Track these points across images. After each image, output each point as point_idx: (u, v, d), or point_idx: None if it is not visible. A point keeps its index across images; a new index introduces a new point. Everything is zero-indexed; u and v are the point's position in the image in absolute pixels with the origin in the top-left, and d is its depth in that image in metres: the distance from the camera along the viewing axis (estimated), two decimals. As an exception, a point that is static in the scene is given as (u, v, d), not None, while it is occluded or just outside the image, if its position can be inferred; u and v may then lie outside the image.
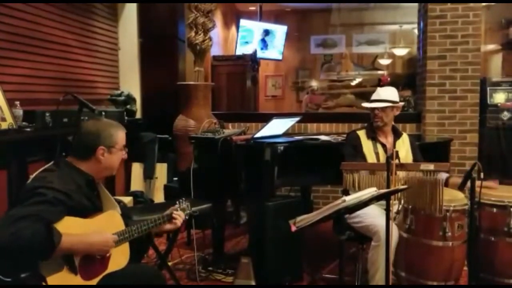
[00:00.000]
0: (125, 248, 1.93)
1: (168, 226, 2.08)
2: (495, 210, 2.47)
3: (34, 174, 1.82)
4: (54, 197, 1.68)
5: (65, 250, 1.66)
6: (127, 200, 3.94)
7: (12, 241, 1.53)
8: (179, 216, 2.09)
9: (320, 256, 3.44)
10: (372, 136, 2.88)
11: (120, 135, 1.97)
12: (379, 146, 2.86)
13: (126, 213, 2.08)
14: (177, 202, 2.13)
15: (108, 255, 1.84)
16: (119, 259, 1.89)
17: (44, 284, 1.63)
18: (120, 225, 1.92)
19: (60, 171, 1.82)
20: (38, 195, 1.66)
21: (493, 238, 2.46)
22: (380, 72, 8.10)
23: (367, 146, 2.86)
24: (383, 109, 2.82)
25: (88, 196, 1.86)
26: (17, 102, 3.23)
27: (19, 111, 3.22)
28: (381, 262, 2.39)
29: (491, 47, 7.28)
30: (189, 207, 2.14)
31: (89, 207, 1.85)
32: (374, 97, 2.89)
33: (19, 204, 1.65)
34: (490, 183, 2.63)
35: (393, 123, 3.06)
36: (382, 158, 2.79)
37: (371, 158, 2.81)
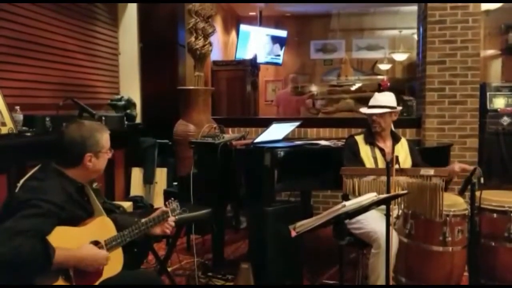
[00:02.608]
0: (118, 253, 1.91)
1: (157, 231, 2.03)
2: (495, 215, 2.47)
3: (21, 182, 1.79)
4: (49, 209, 1.66)
5: (58, 264, 1.64)
6: (127, 205, 3.93)
7: (11, 258, 1.52)
8: (170, 226, 2.05)
9: (320, 261, 3.43)
10: (370, 141, 2.87)
11: (105, 138, 1.93)
12: (377, 151, 2.85)
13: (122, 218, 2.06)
14: (167, 203, 2.11)
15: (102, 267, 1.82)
16: (113, 265, 1.87)
17: None
18: (112, 230, 1.91)
19: (50, 180, 1.78)
20: (33, 207, 1.64)
21: (493, 243, 2.46)
22: (380, 77, 8.11)
23: (365, 151, 2.85)
24: (381, 115, 2.81)
25: (79, 204, 1.85)
26: (17, 107, 3.23)
27: (19, 116, 3.22)
28: (381, 269, 2.38)
29: (490, 52, 7.30)
30: (178, 206, 2.12)
31: (81, 215, 1.84)
32: (372, 102, 2.88)
33: (12, 215, 1.62)
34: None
35: (392, 128, 3.07)
36: (380, 163, 2.79)
37: (369, 163, 2.81)
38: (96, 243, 1.82)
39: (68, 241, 1.70)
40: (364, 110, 2.92)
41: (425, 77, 4.43)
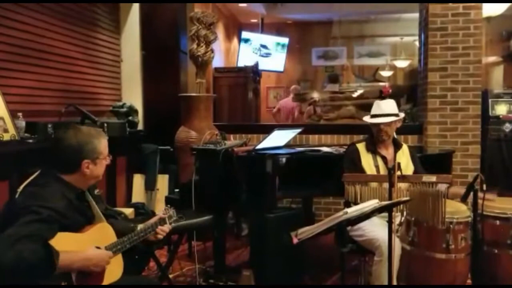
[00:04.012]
0: (119, 259, 1.91)
1: (151, 237, 2.03)
2: (498, 222, 2.45)
3: (21, 187, 1.78)
4: (49, 215, 1.66)
5: (64, 268, 1.64)
6: (128, 211, 3.92)
7: (14, 265, 1.52)
8: (162, 231, 2.04)
9: (322, 268, 3.41)
10: (372, 149, 2.85)
11: (103, 145, 1.91)
12: (379, 159, 2.83)
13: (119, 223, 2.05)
14: (164, 210, 2.11)
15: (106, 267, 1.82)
16: (114, 271, 1.87)
17: None
18: (112, 236, 1.91)
19: (50, 186, 1.77)
20: (33, 214, 1.63)
21: (496, 251, 2.44)
22: (381, 83, 8.12)
23: (366, 159, 2.83)
24: (388, 123, 2.78)
25: (80, 210, 1.84)
26: (20, 114, 3.24)
27: (22, 123, 3.23)
28: (385, 277, 2.37)
29: (492, 59, 7.31)
30: (175, 213, 2.12)
31: (82, 221, 1.83)
32: (375, 111, 2.83)
33: (13, 222, 1.62)
34: (489, 195, 2.60)
35: (395, 134, 3.07)
36: (383, 171, 2.77)
37: (370, 171, 2.78)
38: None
39: (70, 247, 1.70)
40: (370, 120, 2.86)
41: (427, 83, 4.43)
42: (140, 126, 5.13)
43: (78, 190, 1.87)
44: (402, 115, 2.89)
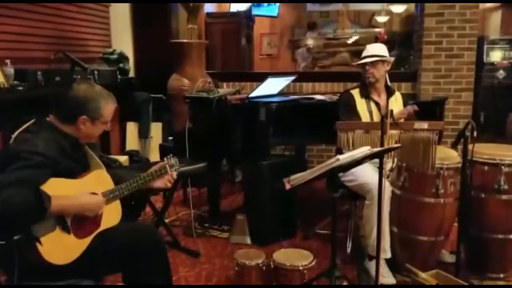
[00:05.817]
0: (116, 206, 1.94)
1: (158, 184, 2.04)
2: (486, 168, 2.50)
3: (15, 134, 1.78)
4: (40, 161, 1.65)
5: (56, 212, 1.66)
6: (123, 159, 3.95)
7: (3, 210, 1.51)
8: (172, 178, 2.07)
9: (314, 213, 3.50)
10: (365, 94, 2.88)
11: (108, 109, 1.89)
12: (372, 105, 2.86)
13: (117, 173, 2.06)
14: (165, 159, 2.12)
15: (100, 213, 1.84)
16: (111, 217, 1.90)
17: (38, 244, 1.63)
18: (109, 183, 1.92)
19: (43, 133, 1.77)
20: (23, 160, 1.63)
21: (483, 195, 2.51)
22: (377, 29, 7.98)
23: (360, 105, 2.86)
24: (373, 64, 2.81)
25: (73, 158, 1.83)
26: (8, 61, 3.17)
27: (10, 70, 3.17)
28: (375, 220, 2.44)
29: (490, 4, 7.15)
30: (177, 163, 2.13)
31: (76, 169, 1.83)
32: (364, 54, 2.88)
33: (4, 169, 1.62)
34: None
35: (388, 81, 3.06)
36: (376, 116, 2.80)
37: (364, 116, 2.82)
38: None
39: (64, 192, 1.71)
40: (356, 62, 2.94)
41: (423, 29, 4.36)
42: (132, 74, 5.05)
43: (73, 138, 1.86)
44: (391, 58, 2.88)
